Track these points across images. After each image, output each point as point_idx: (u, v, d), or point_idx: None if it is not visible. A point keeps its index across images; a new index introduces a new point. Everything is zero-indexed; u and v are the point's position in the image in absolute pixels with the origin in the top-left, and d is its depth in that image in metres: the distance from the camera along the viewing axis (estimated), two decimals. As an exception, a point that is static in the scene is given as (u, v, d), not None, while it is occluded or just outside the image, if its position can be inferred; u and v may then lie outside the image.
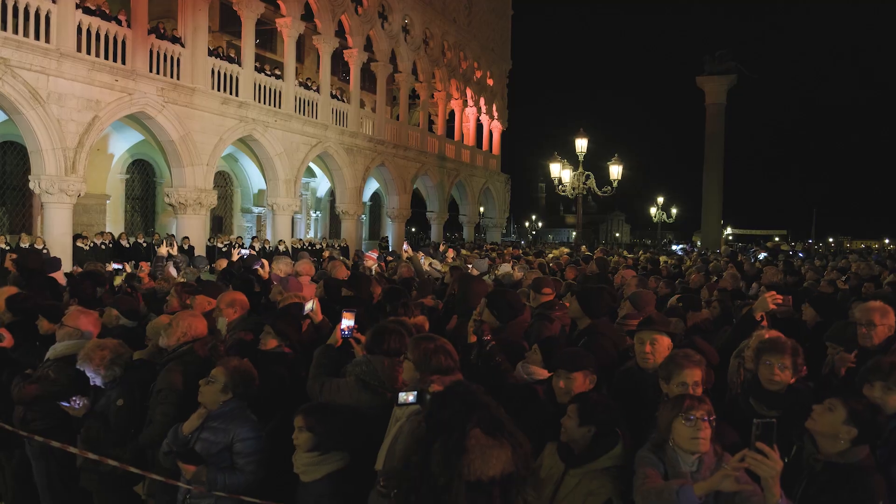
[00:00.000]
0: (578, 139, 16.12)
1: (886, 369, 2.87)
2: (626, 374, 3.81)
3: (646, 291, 5.87)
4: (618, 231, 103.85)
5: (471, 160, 33.15)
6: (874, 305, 3.86)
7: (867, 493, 2.55)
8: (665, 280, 9.12)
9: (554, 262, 13.03)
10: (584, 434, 2.70)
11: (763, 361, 3.19)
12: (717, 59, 34.47)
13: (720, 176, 34.24)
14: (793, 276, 10.90)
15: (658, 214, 36.22)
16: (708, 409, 2.54)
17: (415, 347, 3.09)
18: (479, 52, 33.11)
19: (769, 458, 2.09)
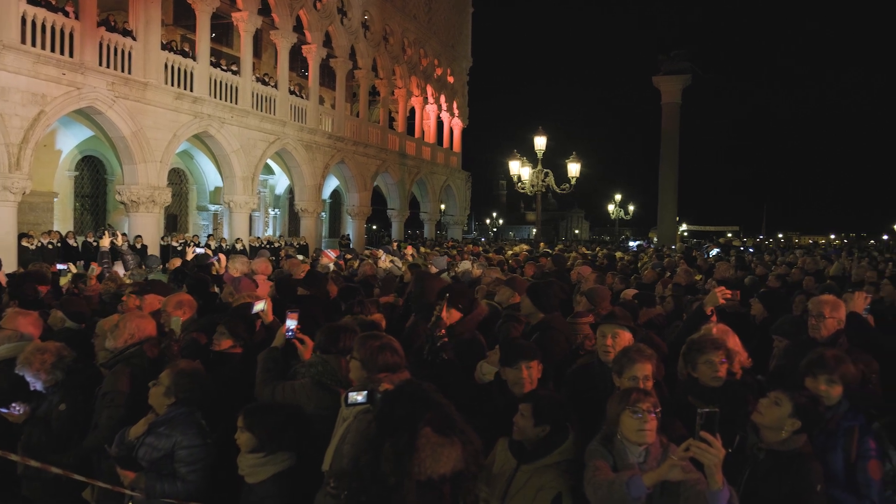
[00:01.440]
0: (537, 137, 16.25)
1: (832, 364, 2.98)
2: (584, 368, 3.86)
3: (601, 287, 5.95)
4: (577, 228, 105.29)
5: (431, 157, 33.15)
6: (826, 299, 4.00)
7: (807, 479, 2.65)
8: (620, 276, 9.28)
9: (513, 258, 13.13)
10: (538, 433, 2.73)
11: (703, 360, 3.27)
12: (672, 59, 35.25)
13: (675, 174, 35.05)
14: (744, 271, 11.23)
15: (616, 211, 36.87)
16: (654, 402, 2.60)
17: (360, 346, 3.06)
18: (440, 49, 33.11)
19: (712, 446, 2.15)
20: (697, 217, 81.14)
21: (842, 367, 2.96)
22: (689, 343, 3.42)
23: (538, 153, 16.35)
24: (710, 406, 2.31)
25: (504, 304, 5.09)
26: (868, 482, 2.76)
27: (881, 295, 7.13)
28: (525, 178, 16.56)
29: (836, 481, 2.79)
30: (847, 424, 2.88)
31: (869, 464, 2.77)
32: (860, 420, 2.92)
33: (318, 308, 5.46)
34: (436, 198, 33.84)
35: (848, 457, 2.82)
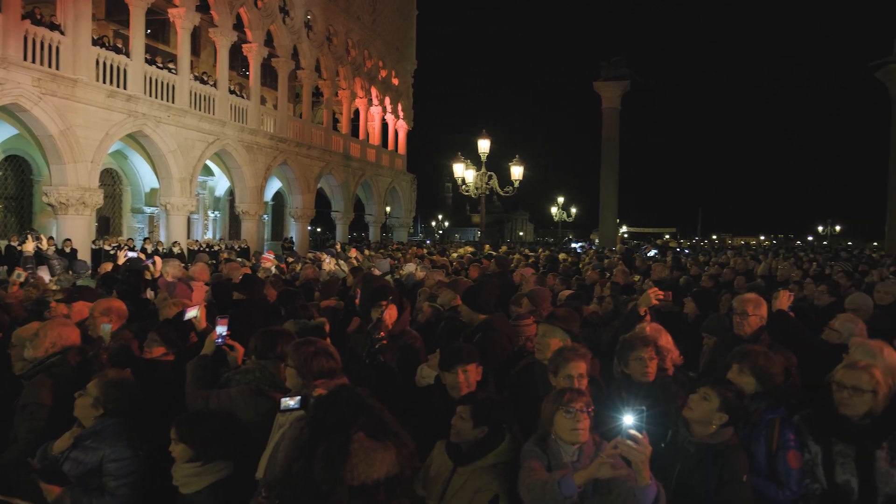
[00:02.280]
0: (481, 140, 16.39)
1: (740, 353, 3.13)
2: (526, 368, 3.92)
3: (542, 289, 6.06)
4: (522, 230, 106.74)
5: (376, 159, 32.99)
6: (749, 297, 4.17)
7: (733, 470, 2.77)
8: (562, 277, 9.45)
9: (458, 261, 13.19)
10: (476, 434, 2.74)
11: (633, 357, 3.37)
12: (612, 65, 36.17)
13: (616, 177, 35.99)
14: (679, 271, 11.62)
15: (559, 214, 37.54)
16: (587, 401, 2.65)
17: (294, 353, 3.01)
18: (384, 51, 33.00)
19: (639, 444, 2.21)
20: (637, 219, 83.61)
21: (761, 361, 3.10)
22: (621, 341, 3.52)
23: (482, 156, 16.50)
24: (637, 403, 2.38)
25: (446, 306, 5.11)
26: (788, 471, 2.89)
27: (804, 293, 7.50)
28: (469, 181, 16.68)
29: (759, 471, 2.92)
30: (769, 417, 3.01)
31: (789, 454, 2.91)
32: (782, 413, 3.06)
33: (256, 313, 5.35)
34: (381, 200, 33.68)
35: (770, 447, 2.95)
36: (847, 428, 2.92)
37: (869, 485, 2.85)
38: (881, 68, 32.42)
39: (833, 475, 2.91)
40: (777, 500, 2.88)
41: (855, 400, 2.91)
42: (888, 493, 2.84)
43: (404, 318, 4.25)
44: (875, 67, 32.79)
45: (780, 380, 3.15)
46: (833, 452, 2.94)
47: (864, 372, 2.96)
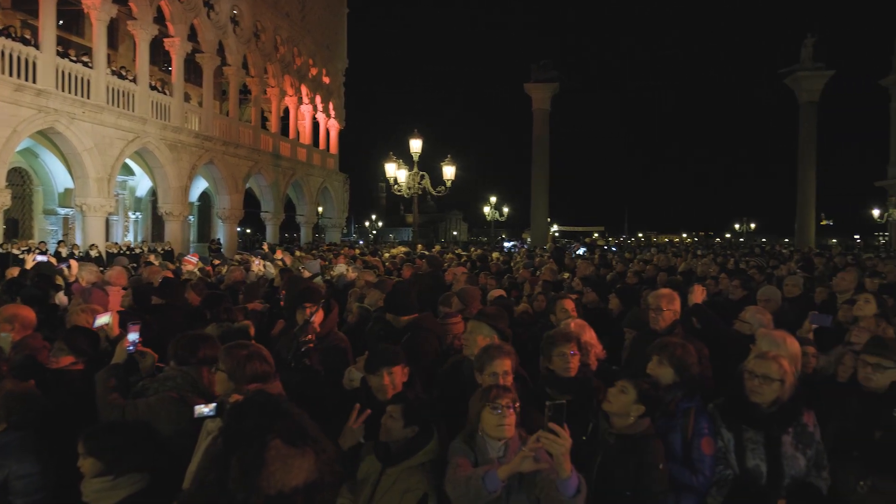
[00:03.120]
0: (413, 140, 16.38)
1: (659, 345, 3.25)
2: (454, 367, 3.93)
3: (472, 287, 6.11)
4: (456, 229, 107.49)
5: (307, 159, 32.41)
6: (663, 293, 4.33)
7: (651, 459, 2.87)
8: (493, 276, 9.55)
9: (390, 261, 13.12)
10: (406, 434, 2.72)
11: (556, 353, 3.45)
12: (542, 67, 36.86)
13: (546, 177, 36.70)
14: (606, 268, 11.97)
15: (491, 213, 38.00)
16: (512, 398, 2.68)
17: (226, 356, 2.92)
18: (315, 48, 32.46)
19: (560, 437, 2.24)
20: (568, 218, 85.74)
21: (679, 352, 3.22)
22: (545, 338, 3.58)
23: (414, 156, 16.49)
24: (560, 398, 2.42)
25: (374, 306, 5.06)
26: (702, 458, 3.02)
27: (720, 288, 7.87)
28: (402, 181, 16.63)
29: (675, 458, 3.03)
30: (685, 406, 3.13)
31: (703, 441, 3.04)
32: (697, 402, 3.19)
33: (177, 317, 5.14)
34: (312, 200, 33.12)
35: (685, 436, 3.07)
36: (757, 415, 3.08)
37: (776, 469, 3.02)
38: (790, 76, 34.49)
39: (744, 460, 3.06)
40: (692, 486, 3.00)
41: (764, 388, 3.06)
42: (793, 475, 3.01)
43: (331, 320, 4.18)
44: (784, 75, 34.85)
45: (697, 370, 3.29)
46: (744, 439, 3.09)
47: (773, 362, 3.12)
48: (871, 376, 3.33)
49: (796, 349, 3.47)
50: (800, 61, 33.92)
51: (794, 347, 3.48)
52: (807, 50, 33.78)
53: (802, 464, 3.02)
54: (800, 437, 3.04)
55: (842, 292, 6.48)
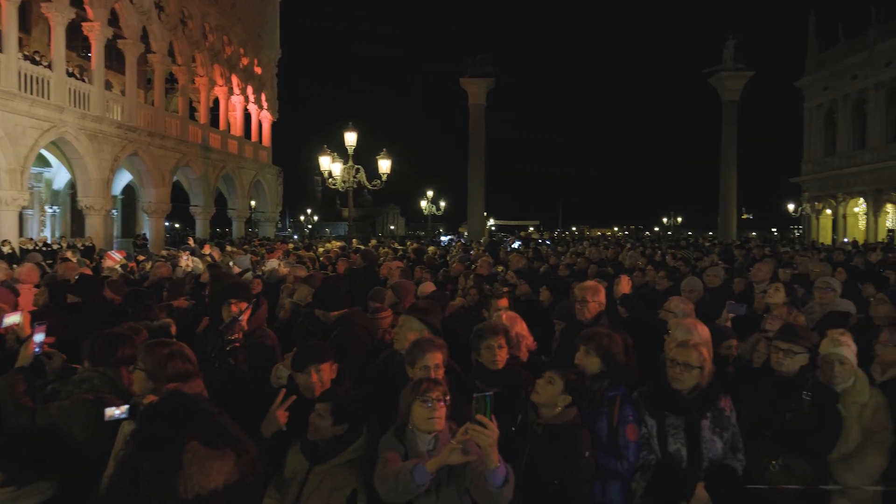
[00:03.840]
0: (348, 133, 16.15)
1: (586, 336, 3.33)
2: (386, 361, 3.90)
3: (406, 282, 6.08)
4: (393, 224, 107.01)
5: (239, 151, 31.49)
6: (588, 285, 4.44)
7: (577, 447, 2.95)
8: (429, 270, 9.56)
9: (325, 255, 12.93)
10: (335, 432, 2.68)
11: (484, 346, 3.48)
12: (478, 62, 37.08)
13: (483, 171, 37.02)
14: (540, 261, 12.18)
15: (428, 207, 38.02)
16: (443, 391, 2.68)
17: (146, 355, 2.79)
18: (245, 37, 31.52)
19: (487, 428, 2.26)
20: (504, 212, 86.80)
21: (605, 342, 3.31)
22: (474, 331, 3.61)
23: (349, 149, 16.26)
24: (488, 389, 2.44)
25: (303, 302, 4.96)
26: (626, 444, 3.12)
27: (647, 279, 8.14)
28: (336, 174, 16.37)
29: (601, 446, 3.12)
30: (611, 395, 3.22)
31: (627, 428, 3.13)
32: (622, 390, 3.29)
33: (94, 316, 4.89)
34: (244, 194, 32.22)
35: (611, 423, 3.16)
36: (678, 401, 3.20)
37: (696, 452, 3.15)
38: (713, 76, 36.02)
39: (666, 445, 3.18)
40: (617, 472, 3.09)
41: (685, 375, 3.18)
42: (711, 458, 3.15)
43: (259, 317, 4.07)
44: (708, 75, 36.37)
45: (622, 359, 3.38)
46: (666, 425, 3.21)
47: (693, 349, 3.25)
48: (783, 361, 3.52)
49: (707, 336, 3.63)
50: (722, 62, 35.47)
51: (705, 334, 3.63)
52: (728, 51, 35.36)
53: (720, 447, 3.16)
54: (717, 422, 3.18)
55: (758, 282, 6.83)
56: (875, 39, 35.11)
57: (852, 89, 37.46)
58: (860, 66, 36.49)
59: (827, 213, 40.92)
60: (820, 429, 3.37)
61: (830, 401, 3.45)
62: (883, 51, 34.44)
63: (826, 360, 3.58)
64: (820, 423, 3.37)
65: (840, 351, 3.55)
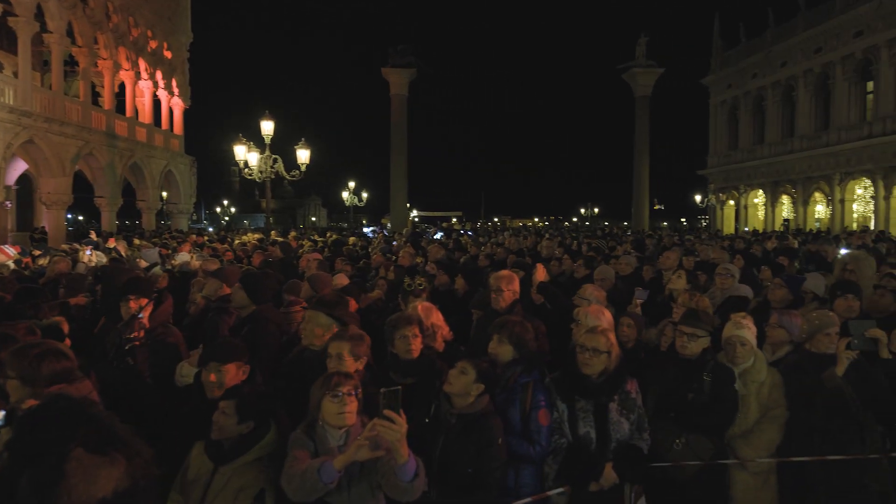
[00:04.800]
0: (264, 122, 15.65)
1: (499, 324, 3.37)
2: (297, 355, 3.82)
3: (323, 274, 5.96)
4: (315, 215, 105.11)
5: (148, 139, 29.90)
6: (503, 274, 4.50)
7: (490, 434, 2.99)
8: (349, 262, 9.42)
9: (241, 248, 12.52)
10: (241, 430, 2.58)
11: (398, 336, 3.46)
12: (399, 52, 36.82)
13: (405, 162, 36.90)
14: (461, 251, 12.27)
15: (350, 199, 37.55)
16: (354, 384, 2.63)
17: (14, 359, 2.54)
18: (154, 19, 29.91)
19: (395, 423, 2.23)
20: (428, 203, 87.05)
21: (517, 329, 3.36)
22: (387, 322, 3.58)
23: (266, 138, 15.77)
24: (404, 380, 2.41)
25: (213, 296, 4.76)
26: (538, 429, 3.18)
27: (563, 268, 8.36)
28: (253, 165, 15.86)
29: (514, 432, 3.17)
30: (523, 381, 3.28)
31: (539, 413, 3.20)
32: (535, 376, 3.35)
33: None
34: (155, 184, 30.66)
35: (524, 409, 3.21)
36: (587, 385, 3.30)
37: (604, 434, 3.25)
38: (626, 71, 37.36)
39: (576, 428, 3.27)
40: (530, 457, 3.16)
41: (594, 360, 3.28)
42: (619, 439, 3.27)
43: (162, 313, 3.87)
44: (621, 71, 37.69)
45: (534, 346, 3.45)
46: (576, 409, 3.30)
47: (601, 335, 3.35)
48: (687, 344, 3.69)
49: (611, 322, 3.76)
50: (635, 58, 36.84)
51: (609, 319, 3.76)
52: (640, 48, 36.76)
53: (627, 428, 3.28)
54: (624, 404, 3.30)
55: (666, 270, 7.14)
56: (772, 41, 37.50)
57: (752, 87, 39.88)
58: (759, 66, 38.89)
59: (730, 204, 43.45)
60: (718, 407, 3.56)
61: (728, 381, 3.65)
62: (779, 52, 36.83)
63: (729, 342, 3.78)
64: (718, 401, 3.56)
65: (742, 333, 3.76)
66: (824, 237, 15.12)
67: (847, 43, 31.92)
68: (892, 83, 29.62)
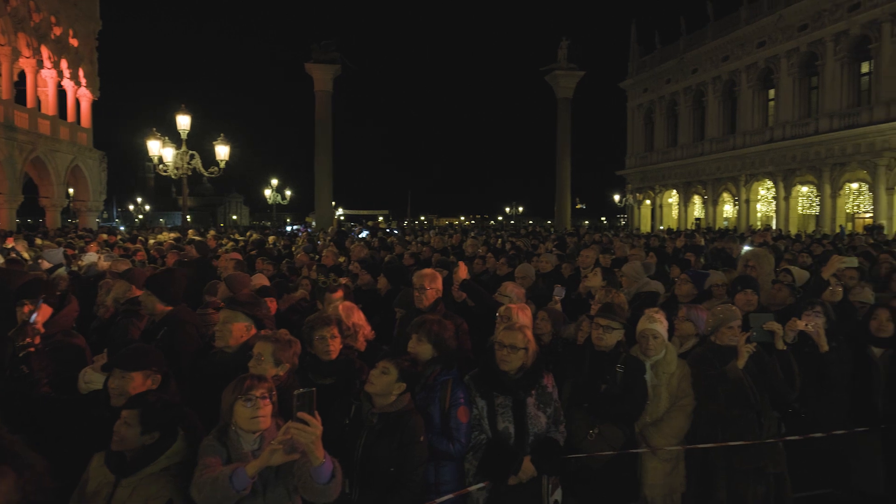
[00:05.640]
0: (180, 116, 15.02)
1: (418, 323, 3.39)
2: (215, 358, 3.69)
3: (241, 274, 5.79)
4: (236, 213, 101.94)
5: (52, 132, 28.07)
6: (425, 272, 4.51)
7: (412, 433, 2.99)
8: (272, 261, 9.20)
9: (155, 248, 11.98)
10: (145, 441, 2.45)
11: (316, 337, 3.42)
12: (323, 48, 36.17)
13: (330, 160, 36.29)
14: (386, 250, 12.22)
15: (273, 196, 36.65)
16: (268, 387, 2.57)
17: None
18: (58, 5, 28.10)
19: (310, 425, 2.19)
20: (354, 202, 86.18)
21: (435, 328, 3.38)
22: (305, 323, 3.53)
23: (182, 133, 15.14)
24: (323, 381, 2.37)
25: (121, 299, 4.53)
26: (458, 426, 3.21)
27: (486, 266, 8.48)
28: (168, 160, 15.18)
29: (434, 430, 3.19)
30: (443, 379, 3.30)
31: (458, 410, 3.23)
32: (454, 374, 3.38)
33: None
34: (60, 180, 28.83)
35: (444, 407, 3.24)
36: (505, 382, 3.36)
37: (522, 428, 3.33)
38: (549, 74, 38.26)
39: (495, 424, 3.33)
40: (450, 454, 3.18)
41: (512, 357, 3.35)
42: (536, 432, 3.35)
43: (64, 317, 3.64)
44: (544, 73, 38.56)
45: (453, 344, 3.47)
46: (495, 404, 3.35)
47: (518, 332, 3.42)
48: (602, 336, 3.83)
49: (529, 319, 3.85)
50: (557, 61, 37.77)
51: (528, 317, 3.85)
52: (562, 52, 37.68)
53: (543, 421, 3.37)
54: (541, 398, 3.39)
55: (585, 267, 7.37)
56: (684, 48, 39.43)
57: (667, 92, 41.79)
58: (672, 72, 40.80)
59: (647, 204, 45.37)
60: (629, 398, 3.72)
61: (639, 372, 3.81)
62: (690, 59, 38.78)
63: (642, 336, 3.95)
64: (629, 392, 3.72)
65: (654, 327, 3.94)
66: (730, 235, 16.04)
67: (751, 53, 34.01)
68: (791, 92, 31.79)
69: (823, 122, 29.47)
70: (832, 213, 29.55)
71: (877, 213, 26.83)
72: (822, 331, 4.26)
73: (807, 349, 4.29)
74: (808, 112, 31.16)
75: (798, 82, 31.57)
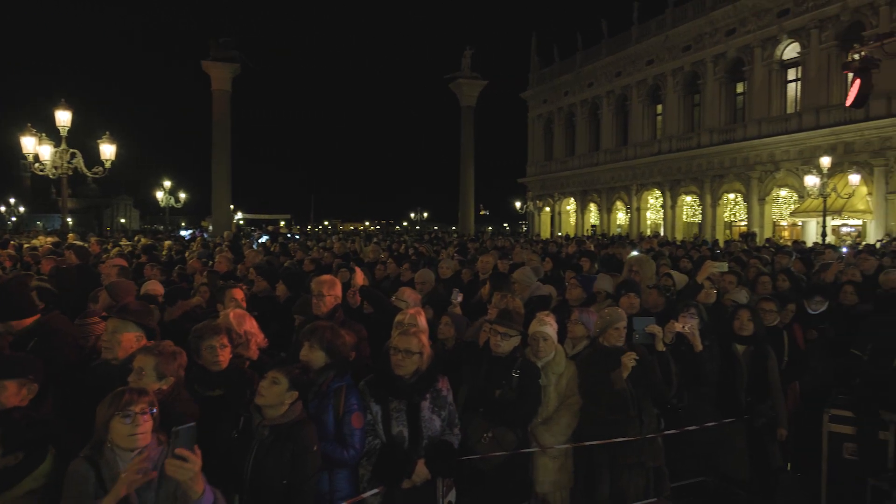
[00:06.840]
0: (60, 111, 13.93)
1: (310, 330, 3.36)
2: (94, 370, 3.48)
3: (124, 282, 5.48)
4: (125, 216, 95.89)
5: None
6: (324, 279, 4.46)
7: (304, 443, 2.94)
8: (162, 267, 8.74)
9: (30, 253, 11.06)
10: (8, 462, 2.27)
11: (205, 347, 3.31)
12: (222, 45, 34.80)
13: (228, 162, 34.94)
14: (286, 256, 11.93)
15: (166, 199, 34.79)
16: (149, 401, 2.45)
17: None
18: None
19: (188, 461, 2.16)
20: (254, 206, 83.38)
21: (328, 335, 3.35)
22: (192, 332, 3.40)
23: (62, 130, 14.05)
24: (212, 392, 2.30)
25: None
26: (352, 432, 3.20)
27: (388, 272, 8.50)
28: (45, 159, 14.05)
29: (328, 437, 3.16)
30: (336, 385, 3.28)
31: (352, 416, 3.22)
32: (347, 380, 3.36)
33: None
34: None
35: (337, 413, 3.22)
36: (400, 386, 3.39)
37: (416, 432, 3.36)
38: (453, 82, 38.83)
39: (390, 428, 3.35)
40: (344, 461, 3.17)
41: (406, 361, 3.38)
42: (430, 435, 3.40)
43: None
44: (448, 80, 39.10)
45: (347, 350, 3.46)
46: (390, 409, 3.37)
47: (413, 337, 3.46)
48: (500, 344, 3.94)
49: (425, 324, 3.92)
50: (461, 69, 38.41)
51: (423, 323, 3.92)
52: (466, 60, 38.37)
53: (438, 425, 3.43)
54: (436, 402, 3.44)
55: (484, 273, 7.55)
56: (581, 62, 41.29)
57: (565, 104, 43.55)
58: (570, 85, 42.59)
59: (546, 211, 47.00)
60: (523, 403, 3.86)
61: (534, 377, 3.97)
62: (586, 73, 40.65)
63: (533, 338, 4.11)
64: (523, 397, 3.85)
65: (544, 329, 4.11)
66: (620, 241, 16.94)
67: (641, 69, 36.13)
68: (676, 107, 34.06)
69: (704, 137, 31.78)
70: (712, 222, 31.89)
71: (750, 222, 29.26)
72: (696, 331, 4.62)
73: (683, 348, 4.63)
74: (691, 127, 33.47)
75: (682, 99, 33.86)
